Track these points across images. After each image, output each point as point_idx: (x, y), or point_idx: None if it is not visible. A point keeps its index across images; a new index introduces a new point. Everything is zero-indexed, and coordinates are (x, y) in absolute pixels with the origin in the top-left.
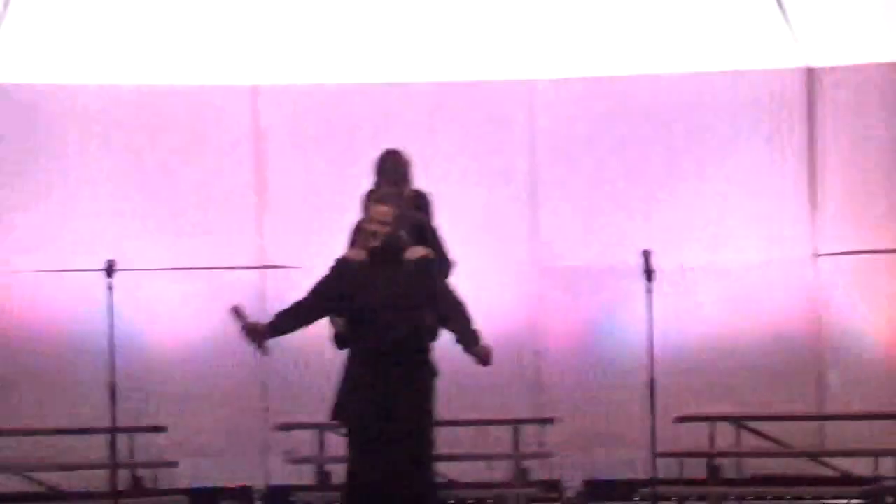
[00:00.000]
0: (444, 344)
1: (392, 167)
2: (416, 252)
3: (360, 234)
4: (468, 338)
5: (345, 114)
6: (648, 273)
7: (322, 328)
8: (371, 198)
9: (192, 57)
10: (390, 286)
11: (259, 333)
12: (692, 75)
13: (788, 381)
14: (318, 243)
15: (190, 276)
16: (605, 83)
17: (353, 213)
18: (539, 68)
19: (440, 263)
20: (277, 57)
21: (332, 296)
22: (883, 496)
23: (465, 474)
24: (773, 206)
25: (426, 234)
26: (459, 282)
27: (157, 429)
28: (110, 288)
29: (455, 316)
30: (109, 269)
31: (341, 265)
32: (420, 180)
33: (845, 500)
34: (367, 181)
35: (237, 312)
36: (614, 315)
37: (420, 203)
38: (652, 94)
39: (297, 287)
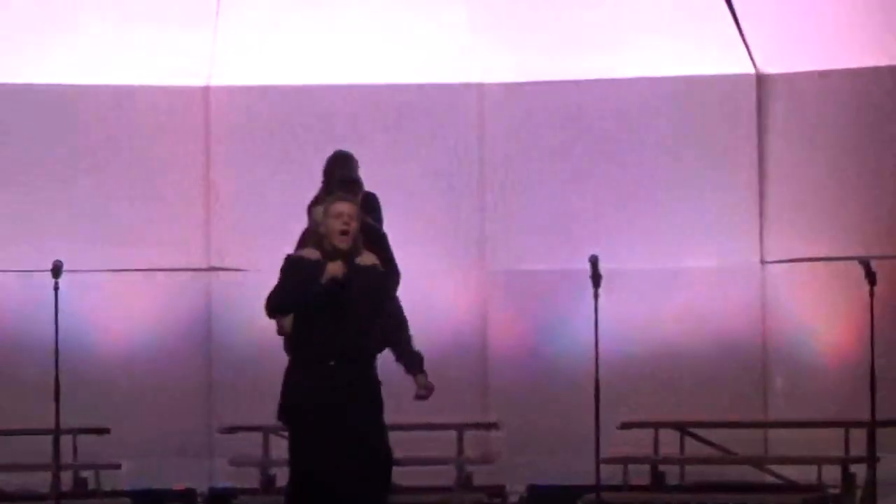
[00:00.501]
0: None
1: (340, 169)
2: (368, 259)
3: (312, 235)
4: (410, 359)
5: (294, 116)
6: (595, 279)
7: (267, 330)
8: (334, 197)
9: (144, 57)
10: (344, 292)
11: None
12: (642, 80)
13: (733, 388)
14: (266, 247)
15: (137, 279)
16: (553, 87)
17: (301, 216)
18: (488, 72)
19: (389, 273)
20: (229, 57)
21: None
22: None
23: (408, 479)
24: (721, 212)
25: (380, 241)
26: (405, 285)
27: (100, 430)
28: (56, 289)
29: (398, 333)
30: (56, 270)
31: (295, 262)
32: (367, 183)
33: None
34: (313, 184)
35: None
36: (561, 320)
37: (369, 205)
38: (601, 99)
39: (243, 290)
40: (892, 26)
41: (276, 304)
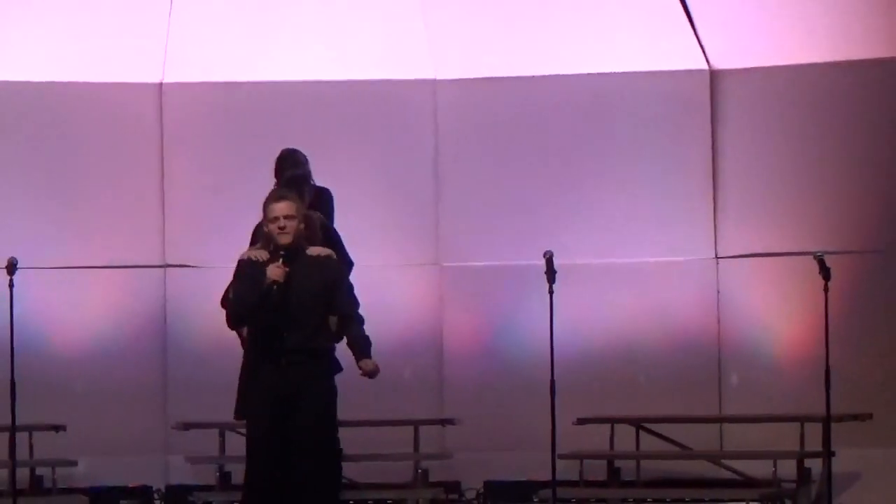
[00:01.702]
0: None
1: (290, 166)
2: (319, 251)
3: (260, 234)
4: (360, 345)
5: (248, 112)
6: (550, 274)
7: (222, 327)
8: (271, 195)
9: (97, 54)
10: (293, 286)
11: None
12: (595, 76)
13: (688, 383)
14: (220, 244)
15: (91, 275)
16: (507, 83)
17: (255, 212)
18: (441, 68)
19: (341, 262)
20: (182, 54)
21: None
22: (782, 499)
23: (364, 475)
24: (675, 207)
25: (326, 234)
26: (360, 281)
27: (56, 427)
28: (11, 286)
29: (350, 319)
30: (10, 267)
31: (244, 266)
32: (322, 179)
33: (744, 503)
34: (267, 180)
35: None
36: (516, 316)
37: (321, 199)
38: (555, 95)
39: (198, 286)
40: (845, 22)
41: (235, 318)
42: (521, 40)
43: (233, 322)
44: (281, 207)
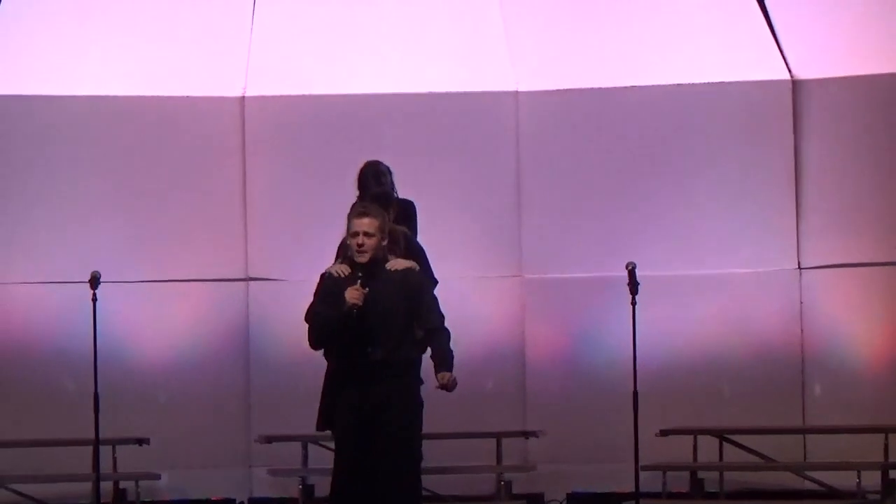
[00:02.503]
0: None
1: (373, 178)
2: (400, 263)
3: (346, 247)
4: (442, 357)
5: (330, 125)
6: (633, 285)
7: (304, 340)
8: (353, 210)
9: (178, 67)
10: (375, 300)
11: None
12: (677, 87)
13: (772, 394)
14: (303, 257)
15: (173, 289)
16: (589, 95)
17: (338, 225)
18: (523, 80)
19: (422, 275)
20: (264, 67)
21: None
22: None
23: (447, 487)
24: (757, 218)
25: (411, 248)
26: (442, 293)
27: (140, 441)
28: (94, 300)
29: (436, 332)
30: (94, 281)
31: (325, 282)
32: (404, 192)
33: None
34: (348, 193)
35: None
36: (599, 328)
37: (406, 213)
38: (636, 106)
39: (281, 300)
40: None
41: (317, 340)
42: (602, 51)
43: (315, 343)
44: (362, 223)
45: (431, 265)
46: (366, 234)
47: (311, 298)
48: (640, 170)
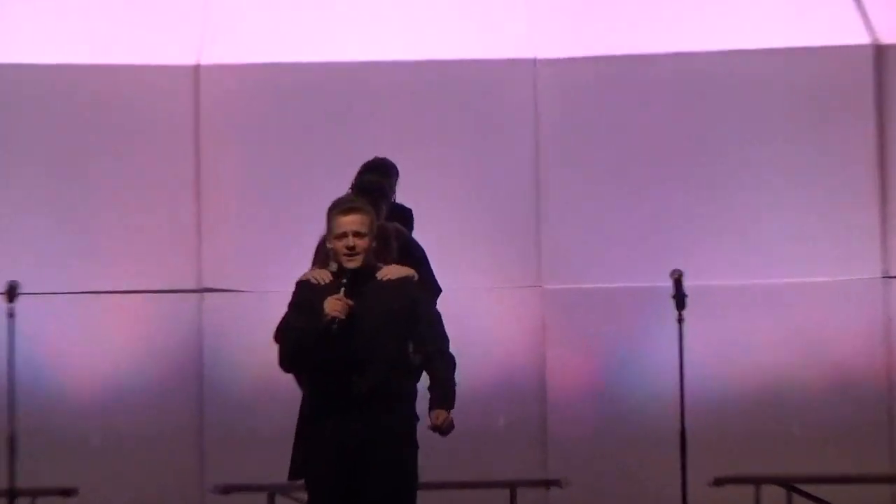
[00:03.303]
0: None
1: (366, 173)
2: (396, 272)
3: (324, 249)
4: (441, 390)
5: (307, 101)
6: (679, 298)
7: (269, 368)
8: (337, 206)
9: (121, 33)
10: (362, 317)
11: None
12: (728, 54)
13: (852, 432)
14: (269, 263)
15: (111, 303)
16: (620, 63)
17: (314, 224)
18: (541, 46)
19: (422, 287)
20: (224, 31)
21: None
22: None
23: None
24: (832, 214)
25: (408, 251)
26: (445, 308)
27: (66, 491)
28: (11, 315)
29: (437, 356)
30: (11, 292)
31: (302, 291)
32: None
33: None
34: (327, 183)
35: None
36: (636, 350)
37: (400, 217)
38: (680, 79)
39: (240, 315)
40: None
41: (289, 360)
42: (636, 11)
43: (286, 364)
44: (349, 221)
45: (435, 276)
46: (356, 234)
47: (279, 313)
48: (685, 155)
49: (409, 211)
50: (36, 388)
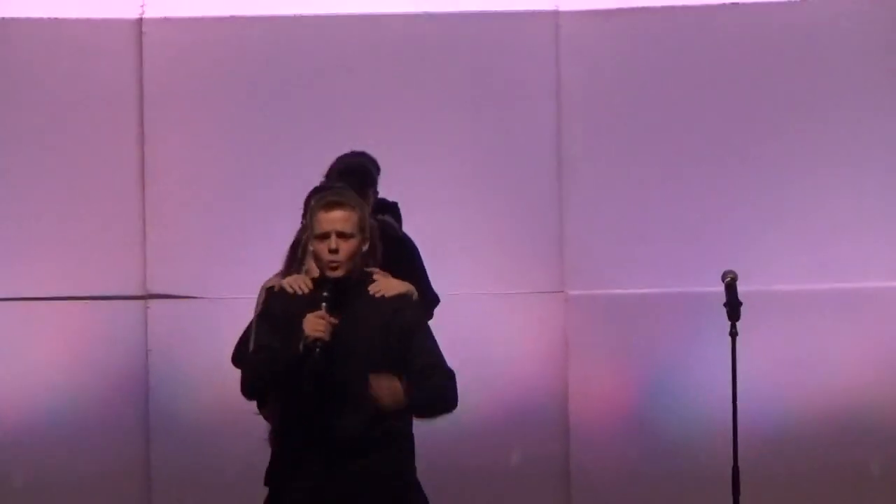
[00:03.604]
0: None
1: (345, 158)
2: (392, 287)
3: (298, 252)
4: (424, 385)
5: (276, 63)
6: (732, 306)
7: (225, 387)
8: (319, 199)
9: None
10: (348, 340)
11: None
12: (793, 3)
13: None
14: (225, 264)
15: (39, 311)
16: (659, 15)
17: (282, 218)
18: None
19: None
20: None
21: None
22: None
23: None
24: None
25: (397, 250)
26: (445, 318)
27: None
28: None
29: (433, 369)
30: None
31: (272, 301)
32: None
33: None
34: (302, 168)
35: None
36: (678, 367)
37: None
38: (732, 33)
39: (192, 327)
40: None
41: (254, 389)
42: None
43: (250, 393)
44: (333, 219)
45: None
46: (341, 234)
47: (238, 325)
48: (735, 129)
49: (396, 207)
50: None
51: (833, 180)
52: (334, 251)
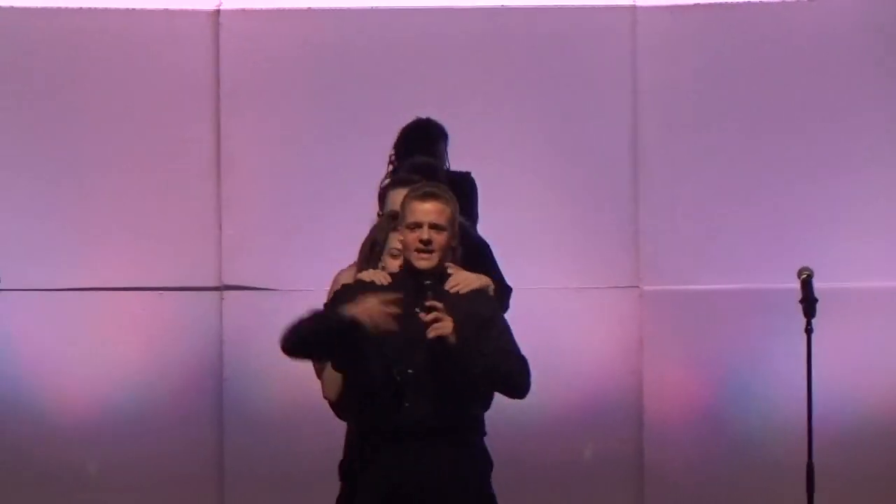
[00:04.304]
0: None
1: (419, 143)
2: (469, 281)
3: (375, 249)
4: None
5: (352, 57)
6: (808, 303)
7: (299, 379)
8: (414, 189)
9: None
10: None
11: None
12: None
13: None
14: (301, 256)
15: (110, 302)
16: (733, 11)
17: (356, 209)
18: None
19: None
20: None
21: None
22: None
23: None
24: None
25: (470, 246)
26: (520, 313)
27: None
28: None
29: (506, 353)
30: None
31: (353, 293)
32: (457, 161)
33: None
34: (373, 163)
35: None
36: (752, 364)
37: (459, 190)
38: (815, 29)
39: (267, 319)
40: None
41: (355, 409)
42: None
43: (284, 349)
44: (427, 210)
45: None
46: (433, 226)
47: None
48: (816, 125)
49: (470, 180)
50: (18, 405)
51: None
52: (427, 241)
